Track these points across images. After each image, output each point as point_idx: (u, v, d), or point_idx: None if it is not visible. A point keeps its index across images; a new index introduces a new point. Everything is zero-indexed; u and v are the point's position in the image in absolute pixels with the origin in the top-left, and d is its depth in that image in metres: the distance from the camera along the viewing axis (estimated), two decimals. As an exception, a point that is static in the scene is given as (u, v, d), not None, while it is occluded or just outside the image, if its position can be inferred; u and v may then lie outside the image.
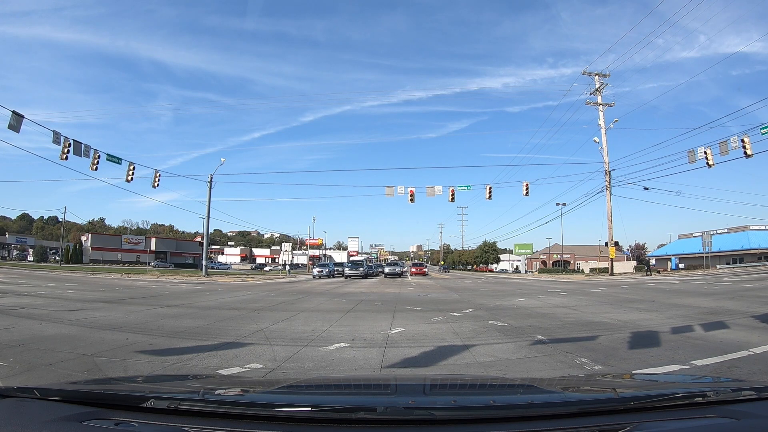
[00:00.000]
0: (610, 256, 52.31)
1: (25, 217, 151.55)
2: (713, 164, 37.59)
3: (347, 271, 52.64)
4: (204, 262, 50.23)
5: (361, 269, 52.50)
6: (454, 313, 14.01)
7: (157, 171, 41.08)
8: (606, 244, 53.61)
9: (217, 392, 2.72)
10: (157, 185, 40.82)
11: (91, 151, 33.74)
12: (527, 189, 46.59)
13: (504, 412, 2.14)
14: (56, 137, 31.25)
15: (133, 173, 38.02)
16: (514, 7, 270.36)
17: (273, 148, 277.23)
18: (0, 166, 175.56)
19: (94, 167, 34.19)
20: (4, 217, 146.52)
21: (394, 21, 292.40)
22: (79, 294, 20.65)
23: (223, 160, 51.64)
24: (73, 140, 32.22)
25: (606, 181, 50.46)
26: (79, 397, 2.24)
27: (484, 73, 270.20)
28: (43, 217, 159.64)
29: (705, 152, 37.68)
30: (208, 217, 50.63)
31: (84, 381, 4.18)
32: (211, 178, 49.87)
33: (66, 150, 31.64)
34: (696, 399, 2.22)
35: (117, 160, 36.69)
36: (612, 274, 50.96)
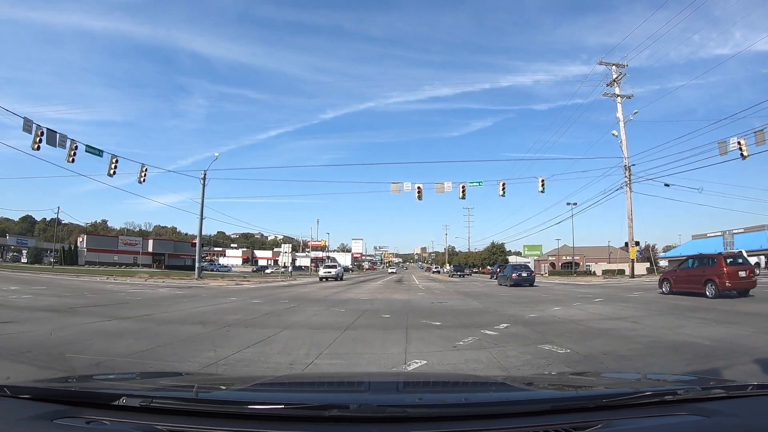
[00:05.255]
0: (631, 257, 49.51)
1: (27, 219, 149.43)
2: (747, 155, 34.31)
3: (322, 272, 53.66)
4: (197, 264, 46.75)
5: (333, 271, 53.17)
6: (487, 331, 10.70)
7: (143, 165, 38.15)
8: (626, 244, 50.58)
9: (190, 390, 2.72)
10: (143, 181, 37.98)
11: (68, 142, 30.64)
12: (543, 185, 43.23)
13: (477, 410, 2.16)
14: (27, 125, 28.29)
15: (116, 167, 34.81)
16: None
17: (290, 146, 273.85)
18: (4, 168, 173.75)
19: (71, 159, 31.07)
20: (7, 219, 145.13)
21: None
22: (32, 300, 17.60)
23: (216, 155, 47.89)
24: (47, 128, 29.25)
25: (626, 176, 47.00)
26: (51, 395, 2.22)
27: (511, 68, 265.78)
28: (45, 218, 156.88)
29: (739, 142, 34.19)
30: (201, 215, 47.35)
31: (56, 379, 3.58)
32: (205, 174, 46.57)
33: (38, 140, 28.58)
34: (666, 397, 2.25)
35: (98, 152, 33.49)
36: (633, 276, 47.78)
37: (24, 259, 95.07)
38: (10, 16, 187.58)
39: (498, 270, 53.00)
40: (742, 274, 20.49)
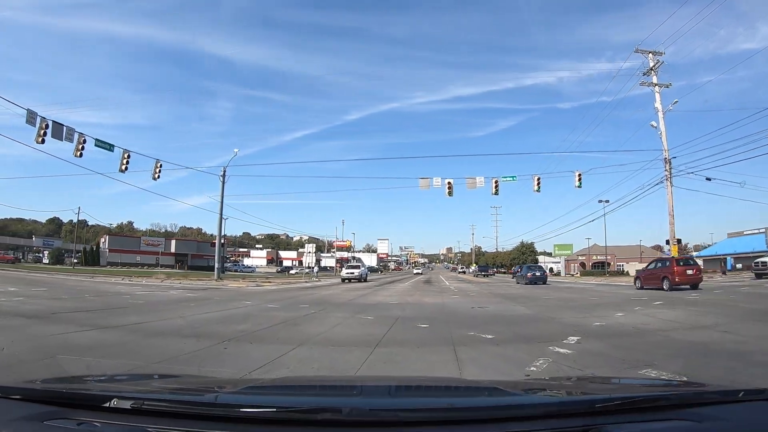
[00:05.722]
0: (672, 255, 46.41)
1: (54, 221, 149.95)
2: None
3: (344, 272, 50.96)
4: (216, 265, 44.51)
5: (356, 272, 50.32)
6: (557, 348, 8.32)
7: (158, 161, 36.04)
8: (667, 242, 47.39)
9: (181, 392, 2.73)
10: (158, 177, 35.84)
11: (75, 135, 28.79)
12: (579, 179, 40.61)
13: (470, 414, 2.16)
14: (30, 117, 26.40)
15: (127, 162, 32.76)
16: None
17: (315, 147, 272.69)
18: (29, 170, 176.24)
19: (79, 153, 29.29)
20: (35, 221, 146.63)
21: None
22: (19, 303, 15.58)
23: (236, 150, 46.27)
24: (52, 121, 27.37)
25: (666, 170, 44.05)
26: (41, 396, 2.22)
27: (535, 67, 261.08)
28: (71, 220, 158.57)
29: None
30: (221, 213, 45.44)
31: (47, 380, 3.22)
32: (224, 171, 44.58)
33: (42, 132, 26.78)
34: (660, 402, 2.26)
35: (108, 147, 31.55)
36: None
37: (46, 260, 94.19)
38: (38, 24, 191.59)
39: (518, 270, 54.27)
40: (690, 272, 27.14)
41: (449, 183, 38.73)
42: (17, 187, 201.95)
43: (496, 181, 38.87)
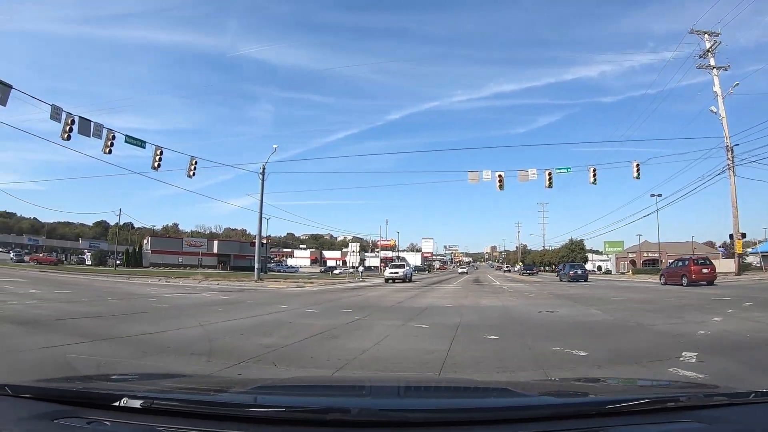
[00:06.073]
0: (737, 251, 43.41)
1: (101, 224, 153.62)
2: None
3: (388, 272, 48.42)
4: (256, 265, 43.01)
5: (400, 272, 47.46)
6: (680, 371, 6.17)
7: (193, 158, 34.95)
8: (730, 236, 44.68)
9: (191, 392, 2.75)
10: (193, 174, 34.85)
11: (104, 131, 27.60)
12: (638, 169, 37.88)
13: (479, 415, 2.13)
14: (55, 113, 25.33)
15: (160, 159, 31.70)
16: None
17: (357, 148, 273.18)
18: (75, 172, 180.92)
19: (107, 150, 28.14)
20: (83, 224, 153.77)
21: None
22: (30, 307, 14.12)
23: (275, 146, 44.60)
24: (79, 117, 26.19)
25: (728, 159, 40.79)
26: (52, 395, 2.21)
27: (575, 61, 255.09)
28: (118, 223, 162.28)
29: None
30: (261, 211, 44.20)
31: (57, 379, 3.39)
32: (264, 168, 43.13)
33: (68, 129, 25.71)
34: (669, 404, 2.18)
35: (139, 143, 30.40)
36: (740, 273, 42.04)
37: (88, 261, 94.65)
38: (81, 35, 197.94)
39: (561, 268, 55.41)
40: (705, 271, 30.79)
41: (500, 176, 36.65)
42: (66, 192, 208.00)
43: (549, 173, 36.74)
